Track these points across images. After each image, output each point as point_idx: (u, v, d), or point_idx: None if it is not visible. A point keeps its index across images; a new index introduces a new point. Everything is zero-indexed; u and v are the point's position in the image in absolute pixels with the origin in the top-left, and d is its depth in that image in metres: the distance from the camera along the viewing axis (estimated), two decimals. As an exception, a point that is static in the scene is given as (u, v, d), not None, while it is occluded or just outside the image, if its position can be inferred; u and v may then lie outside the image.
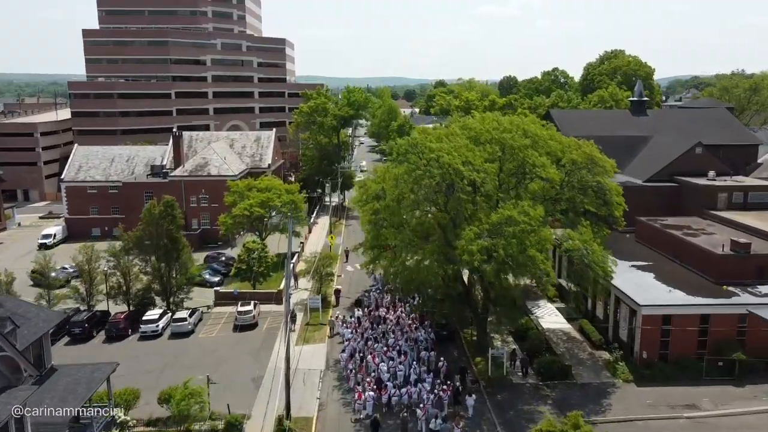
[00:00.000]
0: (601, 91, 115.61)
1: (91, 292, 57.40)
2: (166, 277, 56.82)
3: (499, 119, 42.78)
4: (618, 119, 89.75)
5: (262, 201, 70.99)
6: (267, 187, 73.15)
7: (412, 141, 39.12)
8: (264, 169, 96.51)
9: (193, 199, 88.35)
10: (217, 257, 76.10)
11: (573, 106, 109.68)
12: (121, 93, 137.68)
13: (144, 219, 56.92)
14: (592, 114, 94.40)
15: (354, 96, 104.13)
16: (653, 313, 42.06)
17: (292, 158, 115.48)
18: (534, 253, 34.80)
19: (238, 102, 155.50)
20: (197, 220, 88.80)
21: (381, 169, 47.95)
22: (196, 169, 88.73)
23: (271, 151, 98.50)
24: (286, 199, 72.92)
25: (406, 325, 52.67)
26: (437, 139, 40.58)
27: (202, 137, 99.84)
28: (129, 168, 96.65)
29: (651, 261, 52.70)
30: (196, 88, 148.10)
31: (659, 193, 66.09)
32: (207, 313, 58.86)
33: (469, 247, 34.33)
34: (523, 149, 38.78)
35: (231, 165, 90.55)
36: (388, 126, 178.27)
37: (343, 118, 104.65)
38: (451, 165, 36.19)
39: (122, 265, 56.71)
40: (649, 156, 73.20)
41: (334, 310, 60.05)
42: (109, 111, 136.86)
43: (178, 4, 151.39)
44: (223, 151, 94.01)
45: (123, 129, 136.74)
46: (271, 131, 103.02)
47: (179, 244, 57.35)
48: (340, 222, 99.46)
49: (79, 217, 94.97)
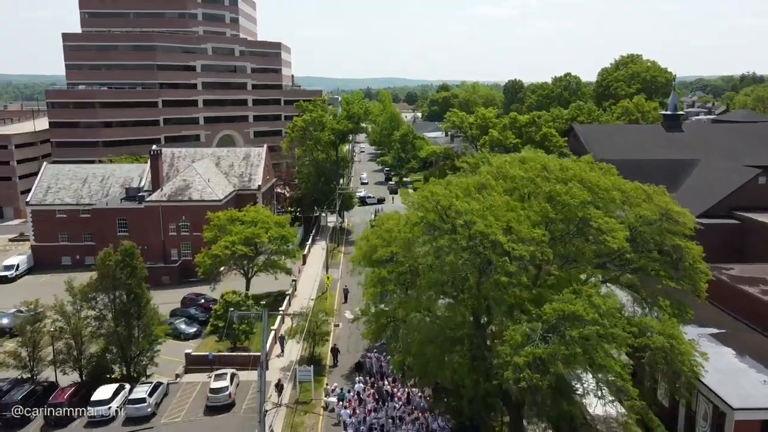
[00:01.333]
0: (625, 102, 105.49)
1: (35, 357, 47.22)
2: (124, 341, 46.60)
3: (545, 162, 32.56)
4: (651, 136, 79.60)
5: (247, 237, 60.85)
6: (253, 220, 62.92)
7: (433, 198, 28.81)
8: (253, 190, 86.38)
9: (173, 227, 78.24)
10: (196, 300, 65.88)
11: (594, 118, 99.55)
12: (104, 102, 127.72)
13: (98, 270, 46.70)
14: (620, 130, 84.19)
15: (353, 108, 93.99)
16: (751, 418, 31.78)
17: (288, 175, 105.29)
18: (608, 363, 24.73)
19: (230, 110, 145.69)
20: (177, 251, 78.73)
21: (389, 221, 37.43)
22: (176, 192, 78.57)
23: (261, 170, 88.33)
24: (276, 234, 62.77)
25: (419, 407, 42.56)
26: (465, 190, 30.38)
27: (185, 155, 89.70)
28: (103, 189, 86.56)
29: (722, 328, 42.37)
30: (185, 96, 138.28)
31: (717, 233, 55.85)
32: (175, 382, 48.60)
33: (514, 359, 24.17)
34: (582, 208, 28.62)
35: (216, 187, 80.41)
36: (390, 135, 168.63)
37: (342, 133, 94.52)
38: (487, 236, 26.11)
39: (72, 325, 46.59)
40: (697, 185, 63.01)
41: (329, 375, 49.93)
42: (90, 121, 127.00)
43: (166, 6, 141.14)
44: (207, 171, 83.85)
45: (105, 140, 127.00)
46: (261, 148, 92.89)
47: (141, 299, 47.14)
48: (339, 250, 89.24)
49: (46, 244, 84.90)
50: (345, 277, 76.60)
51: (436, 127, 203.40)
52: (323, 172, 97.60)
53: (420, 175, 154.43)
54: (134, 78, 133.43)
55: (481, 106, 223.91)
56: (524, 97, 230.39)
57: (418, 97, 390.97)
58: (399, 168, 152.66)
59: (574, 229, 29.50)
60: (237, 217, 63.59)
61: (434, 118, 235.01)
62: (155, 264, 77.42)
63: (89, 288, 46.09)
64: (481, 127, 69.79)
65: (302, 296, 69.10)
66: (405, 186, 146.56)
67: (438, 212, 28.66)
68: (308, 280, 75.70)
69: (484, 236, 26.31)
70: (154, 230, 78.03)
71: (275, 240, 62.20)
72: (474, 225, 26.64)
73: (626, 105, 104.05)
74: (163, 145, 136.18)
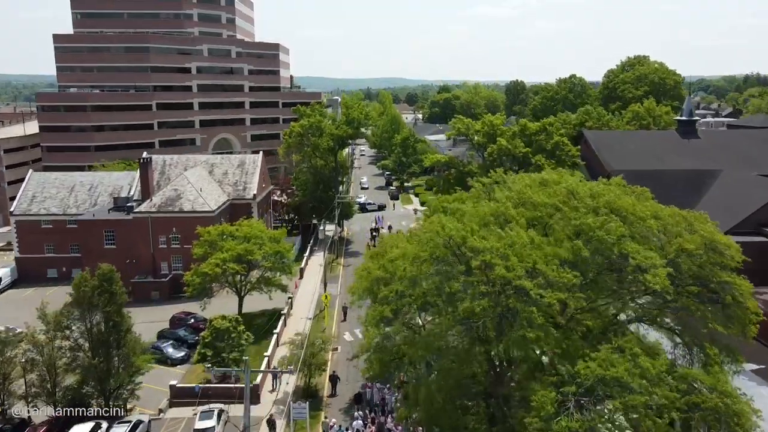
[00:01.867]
0: (635, 106, 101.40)
1: (5, 390, 43.23)
2: (102, 373, 42.59)
3: (572, 187, 28.34)
4: (666, 143, 75.67)
5: (239, 254, 56.86)
6: (246, 236, 58.91)
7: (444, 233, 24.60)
8: (248, 200, 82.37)
9: (163, 240, 74.23)
10: (185, 319, 61.87)
11: (603, 123, 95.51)
12: (96, 105, 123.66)
13: (73, 296, 42.71)
14: (633, 136, 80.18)
15: (352, 113, 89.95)
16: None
17: (285, 182, 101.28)
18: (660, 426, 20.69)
19: (227, 113, 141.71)
20: (167, 264, 74.71)
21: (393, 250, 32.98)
22: (167, 203, 74.56)
23: (257, 179, 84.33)
24: (270, 250, 58.77)
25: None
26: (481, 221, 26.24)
27: (177, 162, 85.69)
28: (91, 198, 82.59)
29: (761, 362, 38.47)
30: (180, 99, 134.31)
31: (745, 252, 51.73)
32: (158, 418, 44.56)
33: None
34: (618, 243, 24.49)
35: (208, 197, 76.40)
36: (391, 138, 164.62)
37: (341, 139, 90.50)
38: (509, 281, 22.06)
39: (46, 356, 42.63)
40: (720, 198, 59.03)
41: (327, 408, 45.97)
42: (82, 125, 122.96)
43: (160, 7, 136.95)
44: (199, 179, 79.85)
45: (97, 145, 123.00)
46: (257, 155, 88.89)
47: (121, 327, 43.16)
48: (338, 262, 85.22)
49: (32, 255, 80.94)
50: (344, 293, 72.70)
51: (438, 129, 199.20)
52: (322, 179, 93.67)
53: (422, 180, 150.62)
54: (127, 80, 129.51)
55: (484, 109, 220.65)
56: (527, 98, 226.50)
57: (419, 97, 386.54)
58: (400, 173, 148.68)
59: (606, 263, 25.39)
60: (229, 231, 59.59)
61: (435, 120, 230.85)
62: (144, 278, 73.59)
63: (63, 316, 42.08)
64: (488, 134, 65.73)
65: (298, 314, 65.16)
66: (406, 191, 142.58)
67: (450, 248, 24.62)
68: (305, 295, 71.72)
69: (506, 282, 22.27)
70: (143, 242, 74.07)
71: (269, 257, 58.21)
72: (494, 268, 22.58)
73: (636, 109, 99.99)
74: (158, 150, 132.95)
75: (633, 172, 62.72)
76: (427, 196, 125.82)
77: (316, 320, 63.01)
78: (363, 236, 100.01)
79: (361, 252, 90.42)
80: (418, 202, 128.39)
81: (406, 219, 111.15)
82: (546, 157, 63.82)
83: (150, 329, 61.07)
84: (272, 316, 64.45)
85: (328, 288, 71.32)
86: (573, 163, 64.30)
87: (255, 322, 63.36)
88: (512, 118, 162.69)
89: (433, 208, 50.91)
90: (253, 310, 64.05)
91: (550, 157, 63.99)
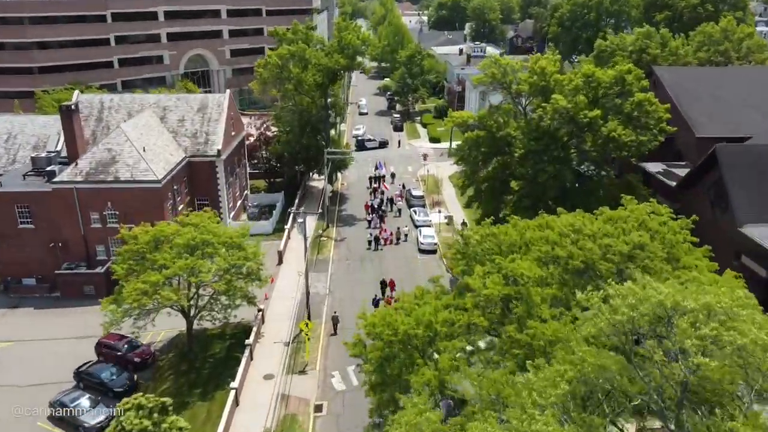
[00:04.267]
0: (707, 26, 78.78)
1: None
2: None
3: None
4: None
5: (179, 273, 38.98)
6: (190, 242, 40.60)
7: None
8: (211, 157, 63.32)
9: (96, 217, 56.12)
10: (115, 347, 44.75)
11: (671, 52, 73.96)
12: (35, 17, 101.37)
13: None
14: (723, 75, 59.66)
15: (347, 38, 68.88)
16: None
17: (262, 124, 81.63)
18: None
19: (199, 24, 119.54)
20: (104, 248, 57.00)
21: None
22: (97, 169, 55.70)
23: (222, 127, 64.77)
24: (225, 263, 40.85)
25: None
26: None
27: (118, 105, 65.79)
28: (9, 154, 63.69)
29: None
30: (142, 8, 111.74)
31: None
32: None
33: None
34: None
35: (155, 159, 57.47)
36: (394, 51, 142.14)
37: (332, 71, 69.95)
38: None
39: None
40: None
41: None
42: (20, 41, 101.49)
43: None
44: (145, 132, 60.42)
45: (41, 66, 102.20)
46: (224, 94, 68.75)
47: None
48: (328, 235, 67.45)
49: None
50: (336, 289, 55.70)
51: (447, 39, 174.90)
52: (309, 121, 74.10)
53: (430, 102, 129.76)
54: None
55: (499, 14, 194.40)
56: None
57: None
58: (404, 95, 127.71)
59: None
60: (166, 235, 41.16)
61: (443, 27, 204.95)
62: (74, 268, 56.30)
63: None
64: (541, 90, 45.79)
65: (273, 332, 48.38)
66: (411, 119, 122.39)
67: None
68: (284, 292, 54.67)
69: None
70: (70, 221, 56.03)
71: (225, 275, 40.40)
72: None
73: (709, 30, 77.78)
74: (118, 70, 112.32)
75: (736, 146, 43.84)
76: (436, 129, 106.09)
77: (296, 349, 46.15)
78: (361, 188, 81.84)
79: (358, 216, 72.60)
80: (426, 136, 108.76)
81: (412, 163, 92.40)
82: (622, 123, 44.06)
83: (74, 353, 44.81)
84: (235, 335, 47.92)
85: (317, 285, 54.49)
86: (661, 132, 44.46)
87: (211, 349, 46.89)
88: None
89: (476, 242, 32.97)
90: (211, 327, 47.27)
91: (628, 122, 44.26)
